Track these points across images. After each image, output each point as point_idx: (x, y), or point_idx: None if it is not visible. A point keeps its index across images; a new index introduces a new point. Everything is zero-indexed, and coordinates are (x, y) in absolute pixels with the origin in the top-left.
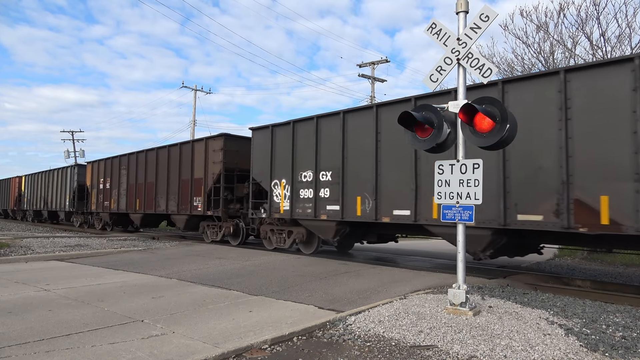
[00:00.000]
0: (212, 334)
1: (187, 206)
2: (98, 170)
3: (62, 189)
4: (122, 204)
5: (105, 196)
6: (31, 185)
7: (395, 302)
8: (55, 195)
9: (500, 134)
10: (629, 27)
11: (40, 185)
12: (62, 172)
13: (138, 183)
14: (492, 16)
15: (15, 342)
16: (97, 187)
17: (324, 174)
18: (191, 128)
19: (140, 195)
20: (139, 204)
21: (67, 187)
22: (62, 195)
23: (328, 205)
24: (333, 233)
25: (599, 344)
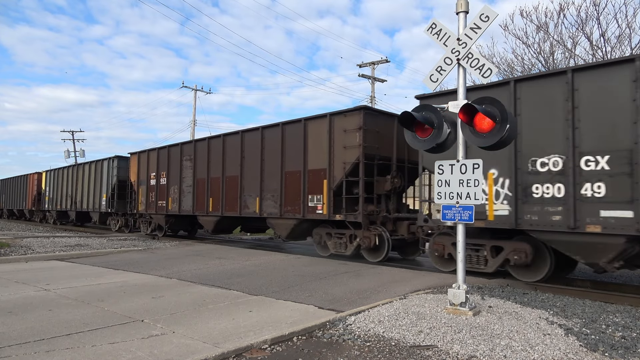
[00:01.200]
0: (212, 334)
1: (296, 208)
2: (148, 162)
3: (95, 186)
4: (187, 203)
5: (159, 194)
6: (54, 182)
7: (395, 302)
8: (87, 194)
9: (500, 134)
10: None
11: (66, 182)
12: (95, 166)
13: (212, 177)
14: (492, 16)
15: (16, 342)
16: (146, 184)
17: (592, 159)
18: (191, 128)
19: (215, 192)
20: (212, 204)
21: (102, 184)
22: (95, 194)
23: (604, 209)
24: (613, 255)
25: (599, 344)
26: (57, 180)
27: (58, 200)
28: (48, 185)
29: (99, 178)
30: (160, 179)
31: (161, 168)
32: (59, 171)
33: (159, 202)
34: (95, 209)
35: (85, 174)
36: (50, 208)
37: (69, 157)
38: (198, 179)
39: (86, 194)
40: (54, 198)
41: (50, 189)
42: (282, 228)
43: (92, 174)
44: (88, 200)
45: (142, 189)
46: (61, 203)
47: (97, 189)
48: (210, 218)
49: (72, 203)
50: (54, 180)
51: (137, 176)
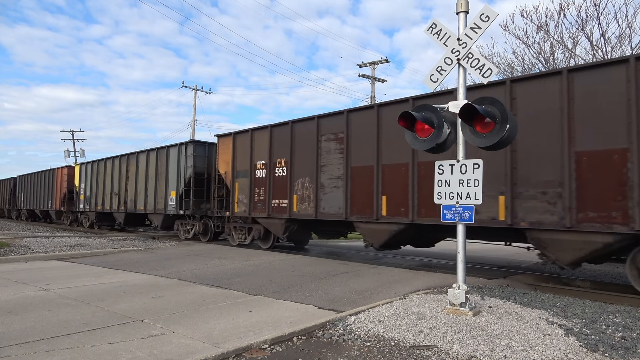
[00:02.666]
0: (212, 334)
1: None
2: (252, 146)
3: (159, 180)
4: (332, 203)
5: (274, 190)
6: (93, 176)
7: (395, 302)
8: (144, 191)
9: (500, 134)
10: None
11: (110, 177)
12: (158, 156)
13: (385, 165)
14: (493, 16)
15: (15, 342)
16: (249, 176)
17: None
18: (191, 128)
19: (392, 187)
20: (387, 206)
21: (169, 178)
22: (159, 191)
23: None
24: None
25: (599, 344)
26: (96, 174)
27: (98, 199)
28: (83, 180)
29: (164, 170)
30: (276, 168)
31: (278, 153)
32: (100, 164)
33: (273, 202)
34: (159, 210)
35: (141, 166)
36: (87, 209)
37: (69, 157)
38: (354, 167)
39: (142, 191)
40: (93, 196)
41: (86, 186)
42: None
43: (153, 165)
44: (146, 200)
45: (241, 184)
46: (103, 203)
47: (162, 184)
48: (384, 226)
49: (120, 203)
50: (93, 175)
51: (232, 166)
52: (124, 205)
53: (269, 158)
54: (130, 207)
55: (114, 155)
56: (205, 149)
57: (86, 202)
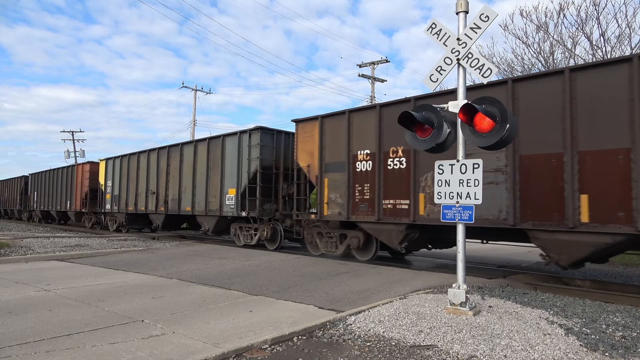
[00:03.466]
0: (213, 334)
1: None
2: (349, 131)
3: (212, 176)
4: (493, 202)
5: (388, 187)
6: (124, 173)
7: (395, 302)
8: (191, 189)
9: (500, 134)
10: (628, 27)
11: (145, 173)
12: (210, 147)
13: (585, 151)
14: (492, 16)
15: (16, 342)
16: (347, 170)
17: None
18: (191, 128)
19: (615, 182)
20: (591, 206)
21: (225, 173)
22: (212, 189)
23: None
24: None
25: (599, 344)
26: (127, 170)
27: (130, 198)
28: (110, 178)
29: (219, 164)
30: (389, 160)
31: (391, 140)
32: (132, 158)
33: (386, 202)
34: (211, 211)
35: (187, 160)
36: (115, 209)
37: (69, 157)
38: (525, 155)
39: (188, 189)
40: (123, 196)
41: (114, 184)
42: None
43: (203, 158)
44: (194, 199)
45: (333, 180)
46: (136, 203)
47: (215, 181)
48: (584, 237)
49: (158, 203)
50: (123, 171)
51: (319, 157)
52: (165, 206)
53: (377, 146)
54: (172, 207)
55: (150, 149)
56: (272, 137)
57: (114, 202)
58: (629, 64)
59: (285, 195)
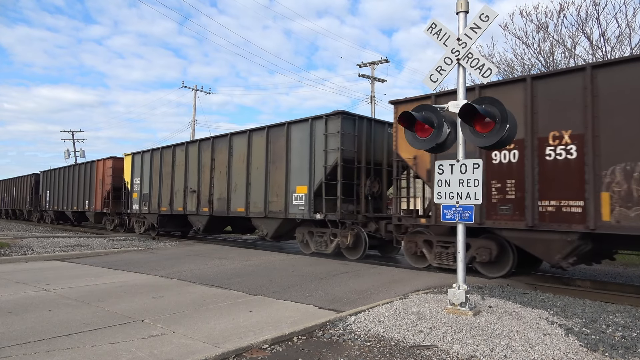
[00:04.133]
0: (212, 334)
1: None
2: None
3: (273, 171)
4: None
5: (545, 184)
6: (154, 169)
7: (395, 302)
8: (244, 187)
9: (500, 134)
10: (628, 27)
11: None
12: (270, 137)
13: None
14: (492, 16)
15: (16, 342)
16: (482, 161)
17: None
18: (191, 128)
19: None
20: None
21: (292, 167)
22: (272, 186)
23: None
24: None
25: (599, 344)
26: (159, 166)
27: (164, 198)
28: (139, 175)
29: (283, 157)
30: (548, 148)
31: (551, 123)
32: (165, 152)
33: (544, 204)
34: (272, 212)
35: (238, 153)
36: (145, 210)
37: (69, 157)
38: None
39: (240, 187)
40: (154, 195)
41: (143, 181)
42: None
43: (261, 150)
44: (248, 199)
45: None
46: (171, 203)
47: (278, 176)
48: None
49: (200, 203)
50: (154, 167)
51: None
52: (209, 206)
53: (526, 131)
54: (218, 208)
55: (189, 141)
56: (354, 124)
57: (143, 202)
58: None
59: (368, 194)
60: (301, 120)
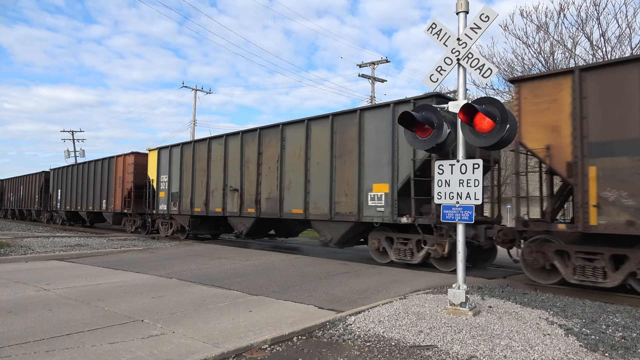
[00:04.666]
0: (212, 334)
1: None
2: None
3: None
4: None
5: None
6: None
7: (395, 302)
8: (303, 184)
9: (500, 134)
10: (629, 27)
11: (222, 164)
12: (336, 127)
13: None
14: (492, 16)
15: (16, 342)
16: None
17: None
18: (191, 128)
19: None
20: None
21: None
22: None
23: None
24: None
25: (599, 344)
26: (191, 161)
27: (198, 197)
28: (167, 171)
29: (355, 149)
30: None
31: None
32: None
33: None
34: (340, 214)
35: (292, 146)
36: (174, 210)
37: (69, 157)
38: None
39: (297, 184)
40: (185, 194)
41: (171, 179)
42: None
43: (323, 143)
44: (307, 198)
45: (613, 168)
46: (207, 203)
47: (347, 172)
48: None
49: (244, 203)
50: (185, 163)
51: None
52: (256, 207)
53: None
54: (267, 209)
55: (228, 133)
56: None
57: (172, 202)
58: None
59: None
60: (378, 106)
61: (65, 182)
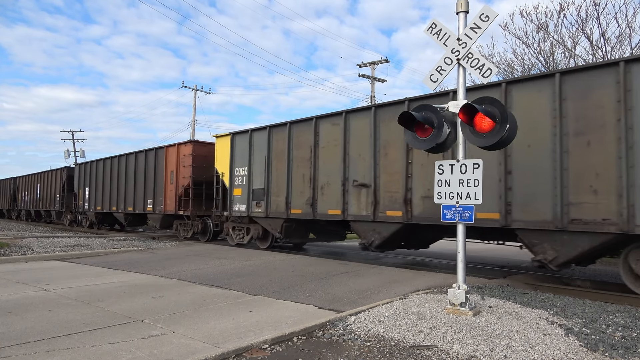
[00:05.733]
0: (212, 334)
1: None
2: None
3: (579, 150)
4: None
5: None
6: (274, 152)
7: (395, 302)
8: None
9: (500, 134)
10: (629, 27)
11: (339, 150)
12: (566, 90)
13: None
14: (492, 16)
15: (16, 342)
16: None
17: None
18: (191, 128)
19: None
20: None
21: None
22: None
23: None
24: None
25: (599, 344)
26: (289, 148)
27: (294, 194)
28: (243, 162)
29: (609, 125)
30: None
31: None
32: (298, 128)
33: None
34: (577, 222)
35: None
36: (259, 212)
37: (69, 157)
38: None
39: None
40: (278, 190)
41: (254, 171)
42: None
43: (542, 115)
44: (510, 194)
45: None
46: (315, 203)
47: (594, 159)
48: None
49: (379, 204)
50: (278, 149)
51: None
52: (404, 208)
53: None
54: (425, 211)
55: (349, 109)
56: None
57: (254, 201)
58: None
59: None
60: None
61: (94, 179)
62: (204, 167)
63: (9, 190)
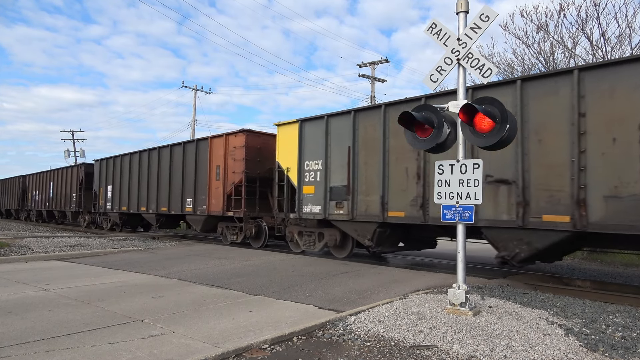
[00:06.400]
0: (212, 334)
1: None
2: None
3: None
4: None
5: None
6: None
7: (395, 302)
8: None
9: (500, 134)
10: (629, 27)
11: None
12: None
13: None
14: (492, 16)
15: (16, 342)
16: None
17: None
18: (191, 128)
19: None
20: None
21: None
22: None
23: None
24: None
25: (599, 344)
26: (383, 134)
27: (391, 192)
28: (316, 155)
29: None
30: None
31: None
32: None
33: None
34: None
35: None
36: (342, 213)
37: (69, 157)
38: None
39: None
40: (368, 189)
41: (331, 165)
42: None
43: None
44: None
45: None
46: (425, 203)
47: None
48: None
49: (528, 202)
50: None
51: None
52: (576, 211)
53: None
54: (615, 216)
55: (475, 85)
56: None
57: (331, 201)
58: None
59: None
60: None
61: (119, 176)
62: (258, 161)
63: (17, 189)
